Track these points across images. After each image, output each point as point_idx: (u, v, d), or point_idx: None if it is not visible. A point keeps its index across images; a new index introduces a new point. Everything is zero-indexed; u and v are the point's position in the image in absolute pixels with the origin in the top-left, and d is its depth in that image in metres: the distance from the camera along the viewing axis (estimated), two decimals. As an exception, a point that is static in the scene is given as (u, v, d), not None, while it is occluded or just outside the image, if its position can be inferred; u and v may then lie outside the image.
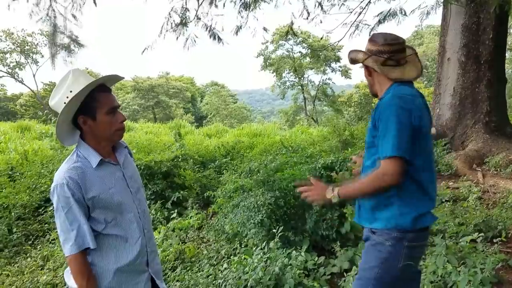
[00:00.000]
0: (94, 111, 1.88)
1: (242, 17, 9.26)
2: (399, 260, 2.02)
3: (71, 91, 1.84)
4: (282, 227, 4.07)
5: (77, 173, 1.85)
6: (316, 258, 3.86)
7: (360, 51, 2.21)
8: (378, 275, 2.06)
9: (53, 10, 7.66)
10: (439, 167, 6.95)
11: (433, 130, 8.13)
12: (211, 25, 8.84)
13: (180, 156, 7.43)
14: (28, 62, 40.88)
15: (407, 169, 1.94)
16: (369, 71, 2.21)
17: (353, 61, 2.26)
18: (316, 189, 2.18)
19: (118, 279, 1.95)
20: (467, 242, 3.62)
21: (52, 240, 5.77)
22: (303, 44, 35.55)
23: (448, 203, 5.29)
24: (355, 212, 2.29)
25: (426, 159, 2.04)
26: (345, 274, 3.55)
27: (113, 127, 1.94)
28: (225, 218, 5.01)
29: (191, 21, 8.77)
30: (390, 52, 2.09)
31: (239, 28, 9.33)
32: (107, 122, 1.91)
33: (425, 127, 2.03)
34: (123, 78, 2.08)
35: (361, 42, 2.39)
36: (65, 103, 1.84)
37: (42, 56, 40.99)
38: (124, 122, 1.99)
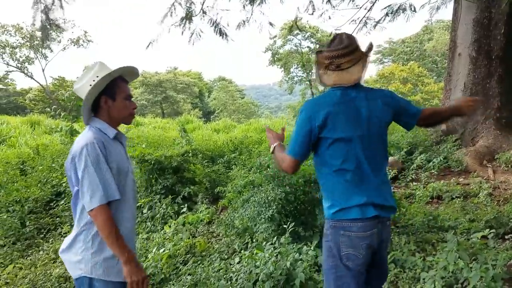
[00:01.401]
0: (115, 94, 2.18)
1: (247, 11, 9.22)
2: (340, 248, 2.13)
3: (97, 76, 2.12)
4: (292, 223, 4.08)
5: (101, 139, 2.08)
6: (327, 253, 3.87)
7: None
8: (330, 265, 2.18)
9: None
10: (449, 163, 6.92)
11: (443, 126, 8.09)
12: (216, 20, 8.80)
13: (190, 151, 7.46)
14: (37, 57, 41.12)
15: (324, 169, 2.20)
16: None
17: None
18: (270, 136, 2.51)
19: (127, 234, 2.14)
20: (478, 238, 3.62)
21: (64, 233, 5.85)
22: (312, 39, 35.41)
23: (458, 199, 5.28)
24: None
25: (348, 163, 2.14)
26: (355, 269, 3.56)
27: (127, 111, 2.24)
28: (235, 213, 5.04)
29: (196, 15, 8.73)
30: (329, 57, 2.17)
31: (243, 23, 9.30)
32: (123, 106, 2.21)
33: (341, 133, 2.13)
34: (139, 75, 2.38)
35: (370, 38, 2.40)
36: (90, 85, 2.11)
37: (51, 51, 41.23)
38: (135, 110, 2.29)
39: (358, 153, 2.15)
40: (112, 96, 2.17)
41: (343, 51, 2.15)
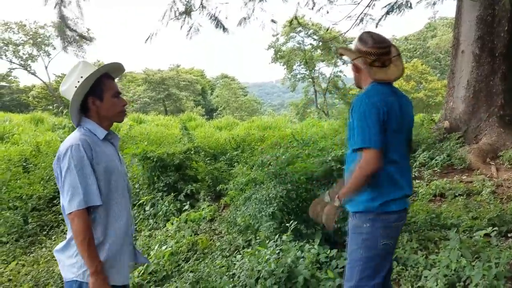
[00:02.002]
0: (102, 93, 2.13)
1: (248, 8, 9.19)
2: (378, 240, 2.24)
3: (82, 77, 2.07)
4: (294, 220, 4.08)
5: (88, 141, 2.04)
6: (329, 251, 3.88)
7: (350, 49, 2.41)
8: (362, 255, 2.26)
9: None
10: (452, 161, 6.90)
11: (446, 123, 8.06)
12: (215, 14, 8.77)
13: (192, 149, 7.46)
14: (40, 54, 41.23)
15: (382, 158, 2.15)
16: (357, 68, 2.39)
17: (342, 55, 2.51)
18: (323, 210, 2.36)
19: (119, 243, 2.12)
20: (481, 236, 3.61)
21: (66, 230, 5.86)
22: (314, 36, 35.31)
23: (461, 197, 5.26)
24: None
25: (397, 154, 2.24)
26: (357, 267, 3.55)
27: (117, 109, 2.18)
28: (237, 210, 5.04)
29: (196, 10, 8.71)
30: (377, 54, 2.26)
31: (244, 20, 9.27)
32: (112, 104, 2.16)
33: (395, 124, 2.22)
34: (125, 70, 2.33)
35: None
36: (76, 87, 2.07)
37: (54, 48, 41.31)
38: (125, 106, 2.23)
39: (402, 145, 2.27)
40: (100, 96, 2.12)
41: (388, 49, 2.28)
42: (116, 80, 2.27)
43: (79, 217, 1.94)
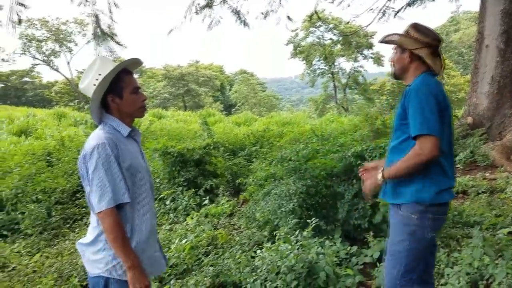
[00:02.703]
0: (121, 90, 2.12)
1: (269, 3, 9.18)
2: (426, 232, 2.21)
3: (100, 74, 2.06)
4: (313, 216, 4.07)
5: (113, 139, 2.06)
6: (349, 247, 3.86)
7: (411, 38, 2.31)
8: (409, 247, 2.23)
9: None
10: (475, 158, 6.78)
11: (469, 119, 7.92)
12: (236, 8, 8.80)
13: (211, 144, 7.52)
14: (62, 50, 41.97)
15: (440, 146, 2.12)
16: (411, 58, 2.32)
17: (390, 42, 2.41)
18: (370, 173, 2.40)
19: (145, 239, 2.14)
20: (504, 234, 3.54)
21: (89, 223, 5.97)
22: (334, 30, 34.99)
23: (484, 194, 5.17)
24: (381, 190, 2.43)
25: (447, 145, 2.23)
26: (377, 264, 3.54)
27: (137, 105, 2.17)
28: (256, 205, 5.05)
29: (217, 4, 8.75)
30: (436, 46, 2.29)
31: (267, 13, 9.25)
32: (132, 100, 2.15)
33: (448, 115, 2.24)
34: (143, 63, 2.31)
35: (393, 29, 2.43)
36: (94, 85, 2.06)
37: (76, 44, 42.02)
38: (145, 101, 2.23)
39: (449, 137, 2.27)
40: (119, 93, 2.11)
41: (441, 42, 2.31)
42: (136, 76, 2.26)
43: (109, 215, 1.96)
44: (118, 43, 8.22)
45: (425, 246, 2.24)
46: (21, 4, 7.04)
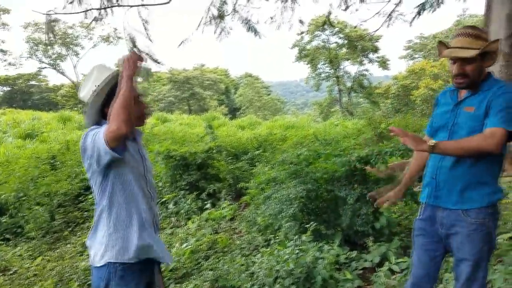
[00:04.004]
0: None
1: (278, 8, 9.21)
2: (495, 233, 2.21)
3: (96, 85, 2.08)
4: (314, 221, 4.06)
5: None
6: (348, 252, 3.84)
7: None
8: (489, 251, 2.22)
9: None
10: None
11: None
12: (247, 18, 8.85)
13: (214, 148, 7.53)
14: (69, 54, 42.23)
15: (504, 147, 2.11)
16: (492, 60, 2.25)
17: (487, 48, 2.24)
18: (410, 136, 2.19)
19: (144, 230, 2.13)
20: (504, 240, 3.52)
21: (91, 227, 5.99)
22: (340, 34, 34.99)
23: (487, 199, 5.12)
24: (428, 193, 2.32)
25: None
26: (376, 269, 3.52)
27: (136, 114, 2.12)
28: (257, 209, 5.04)
29: (228, 14, 8.81)
30: None
31: (273, 19, 9.28)
32: None
33: None
34: (149, 69, 2.29)
35: (400, 33, 2.39)
36: (92, 95, 2.08)
37: (82, 48, 42.25)
38: (145, 110, 2.23)
39: None
40: None
41: None
42: (140, 79, 2.27)
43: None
44: (155, 61, 8.26)
45: (493, 248, 2.26)
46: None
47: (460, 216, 2.19)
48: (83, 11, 7.51)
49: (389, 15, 9.01)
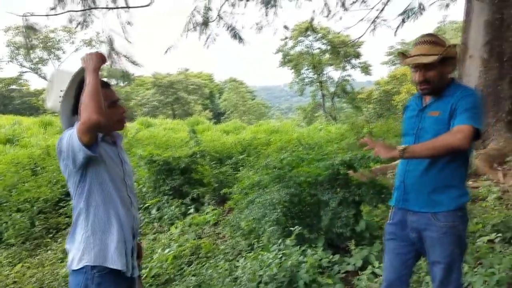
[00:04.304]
0: None
1: (262, 14, 9.26)
2: (465, 235, 2.26)
3: (61, 91, 2.03)
4: (297, 225, 4.07)
5: None
6: (331, 256, 3.87)
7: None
8: (461, 253, 2.25)
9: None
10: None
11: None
12: (231, 24, 8.88)
13: (198, 153, 7.51)
14: (50, 58, 41.68)
15: (464, 154, 2.21)
16: (454, 66, 2.37)
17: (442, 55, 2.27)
18: (380, 145, 2.26)
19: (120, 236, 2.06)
20: (484, 242, 3.58)
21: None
22: (323, 40, 35.29)
23: (467, 202, 5.21)
24: (397, 196, 2.37)
25: None
26: (359, 272, 3.55)
27: (114, 118, 2.12)
28: (241, 214, 5.04)
29: (213, 21, 8.82)
30: None
31: (257, 25, 9.33)
32: (109, 114, 2.02)
33: None
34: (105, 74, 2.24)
35: (381, 39, 2.45)
36: (59, 102, 2.04)
37: (64, 52, 41.77)
38: (124, 113, 2.17)
39: None
40: None
41: None
42: (124, 84, 2.25)
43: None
44: (133, 62, 8.17)
45: (465, 250, 2.33)
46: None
47: (430, 219, 2.22)
48: (62, 13, 7.39)
49: (373, 21, 9.14)
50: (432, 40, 2.29)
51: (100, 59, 2.02)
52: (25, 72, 42.54)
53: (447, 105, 2.23)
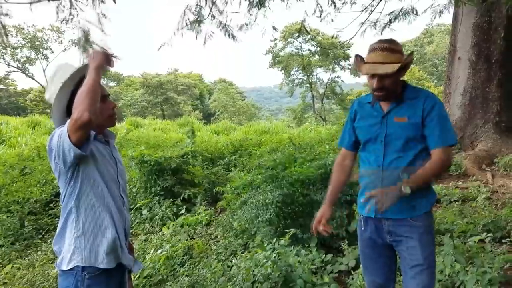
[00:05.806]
0: None
1: (251, 14, 9.26)
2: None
3: (62, 82, 2.02)
4: (290, 225, 4.09)
5: None
6: (324, 255, 3.89)
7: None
8: (434, 255, 2.28)
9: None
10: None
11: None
12: (225, 23, 8.86)
13: (190, 153, 7.48)
14: (38, 58, 41.26)
15: None
16: (405, 71, 2.26)
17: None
18: (385, 194, 2.09)
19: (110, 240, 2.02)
20: (475, 242, 3.63)
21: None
22: (312, 41, 35.45)
23: (456, 203, 5.29)
24: (373, 208, 2.16)
25: None
26: (352, 272, 3.58)
27: (105, 113, 2.10)
28: (234, 214, 5.04)
29: (205, 19, 8.80)
30: None
31: (246, 25, 9.33)
32: (100, 110, 1.99)
33: None
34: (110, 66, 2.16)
35: (371, 41, 2.38)
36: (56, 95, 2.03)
37: (52, 52, 41.38)
38: (114, 109, 2.16)
39: None
40: None
41: None
42: (113, 84, 2.23)
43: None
44: (111, 55, 8.04)
45: None
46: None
47: (409, 223, 2.20)
48: (38, 1, 7.20)
49: (368, 23, 9.20)
50: (390, 47, 2.19)
51: (106, 58, 2.00)
52: (12, 71, 42.06)
53: (414, 109, 2.21)
